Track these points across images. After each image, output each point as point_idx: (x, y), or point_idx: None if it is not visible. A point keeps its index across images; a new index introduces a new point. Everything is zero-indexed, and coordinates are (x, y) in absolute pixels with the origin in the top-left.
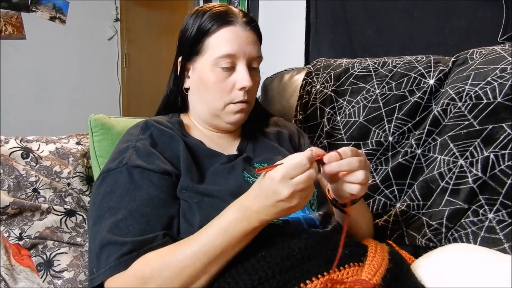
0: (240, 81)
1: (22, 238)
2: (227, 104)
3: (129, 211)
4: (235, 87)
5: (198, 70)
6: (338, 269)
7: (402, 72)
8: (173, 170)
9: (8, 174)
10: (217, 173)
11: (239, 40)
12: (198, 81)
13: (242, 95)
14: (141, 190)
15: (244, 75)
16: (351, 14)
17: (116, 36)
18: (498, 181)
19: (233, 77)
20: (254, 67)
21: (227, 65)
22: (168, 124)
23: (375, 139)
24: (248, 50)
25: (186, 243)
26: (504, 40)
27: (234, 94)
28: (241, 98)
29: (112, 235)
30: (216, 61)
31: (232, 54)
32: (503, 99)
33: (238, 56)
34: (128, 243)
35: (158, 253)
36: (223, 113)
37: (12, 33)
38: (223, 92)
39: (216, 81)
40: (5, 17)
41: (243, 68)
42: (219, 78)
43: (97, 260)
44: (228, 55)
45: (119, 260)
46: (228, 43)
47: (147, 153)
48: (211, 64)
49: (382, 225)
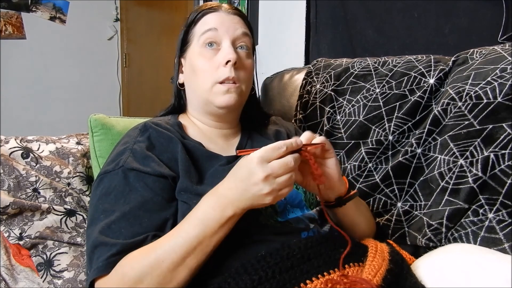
0: (224, 55)
1: (22, 238)
2: (215, 84)
3: (122, 213)
4: (221, 64)
5: (188, 59)
6: (338, 269)
7: (402, 72)
8: (170, 173)
9: (8, 174)
10: (216, 174)
11: (222, 19)
12: (189, 71)
13: (229, 70)
14: (135, 192)
15: (228, 49)
16: (351, 14)
17: (116, 36)
18: (498, 181)
19: (218, 55)
20: (241, 46)
21: (210, 39)
22: (167, 126)
23: (375, 138)
24: (231, 27)
25: (165, 238)
26: (504, 40)
27: (220, 71)
28: (227, 75)
29: (104, 236)
30: (199, 39)
31: (214, 28)
32: (503, 99)
33: (221, 33)
34: (118, 244)
35: (140, 250)
36: (212, 95)
37: (12, 33)
38: (209, 72)
39: (203, 63)
40: (5, 17)
41: (227, 44)
42: (206, 58)
43: (90, 260)
44: (210, 29)
45: (107, 260)
46: (211, 20)
47: (144, 156)
48: (198, 47)
49: (383, 224)
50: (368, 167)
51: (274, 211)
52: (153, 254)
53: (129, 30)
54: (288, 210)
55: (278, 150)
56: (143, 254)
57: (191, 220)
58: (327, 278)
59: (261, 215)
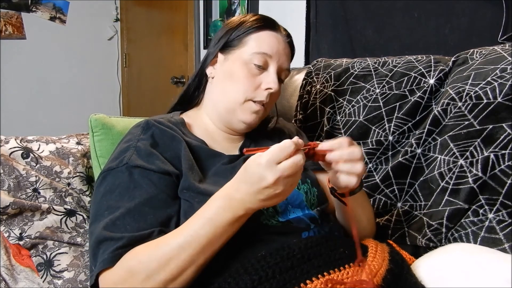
0: (268, 82)
1: (22, 238)
2: (247, 100)
3: (127, 209)
4: (261, 87)
5: (230, 61)
6: (338, 269)
7: (402, 72)
8: (173, 170)
9: (8, 174)
10: (219, 173)
11: (278, 46)
12: (226, 71)
13: (265, 96)
14: (140, 189)
15: (273, 77)
16: (351, 14)
17: (116, 36)
18: (498, 181)
19: (261, 77)
20: (281, 78)
21: (261, 63)
22: (170, 124)
23: (375, 138)
24: (283, 58)
25: (172, 235)
26: (504, 40)
27: (257, 92)
28: (263, 99)
29: (109, 232)
30: (251, 56)
31: (269, 55)
32: (503, 99)
33: (273, 59)
34: (125, 238)
35: (146, 245)
36: (241, 108)
37: (12, 33)
38: (248, 87)
39: (245, 76)
40: (5, 17)
41: (274, 71)
42: (249, 74)
43: (94, 256)
44: (265, 54)
45: (113, 253)
46: (269, 44)
47: (148, 153)
48: (246, 57)
49: (383, 224)
50: (368, 168)
51: (275, 211)
52: (161, 251)
53: (129, 30)
54: (289, 210)
55: (288, 149)
56: (151, 249)
57: (200, 220)
58: (327, 278)
59: (262, 215)
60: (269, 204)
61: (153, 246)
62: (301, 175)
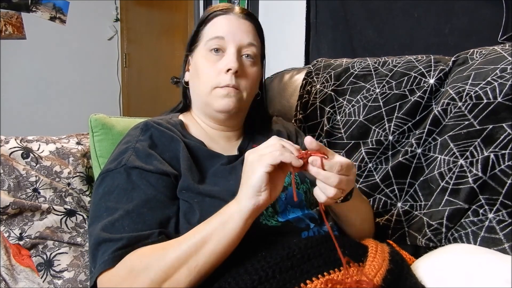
0: (226, 63)
1: (22, 238)
2: (214, 88)
3: (126, 211)
4: (222, 70)
5: (194, 59)
6: (338, 269)
7: (402, 72)
8: (172, 171)
9: (8, 174)
10: (218, 174)
11: (230, 25)
12: (194, 70)
13: (229, 78)
14: (138, 190)
15: (231, 57)
16: (351, 14)
17: (116, 36)
18: (498, 181)
19: (221, 61)
20: (247, 54)
21: (216, 46)
22: (168, 125)
23: (375, 138)
24: (238, 35)
25: (178, 242)
26: (504, 40)
27: (221, 77)
28: (227, 82)
29: (108, 233)
30: (206, 44)
31: (221, 36)
32: (503, 99)
33: (227, 40)
34: (124, 238)
35: (151, 248)
36: (211, 98)
37: (12, 33)
38: (211, 76)
39: (206, 66)
40: (5, 17)
41: (232, 52)
42: (209, 62)
43: (94, 258)
44: (217, 37)
45: (113, 254)
46: (220, 27)
47: (146, 154)
48: (203, 50)
49: (383, 224)
50: (368, 167)
51: (274, 211)
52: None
53: (129, 30)
54: (289, 210)
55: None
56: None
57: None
58: (327, 278)
59: (261, 215)
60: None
61: (158, 249)
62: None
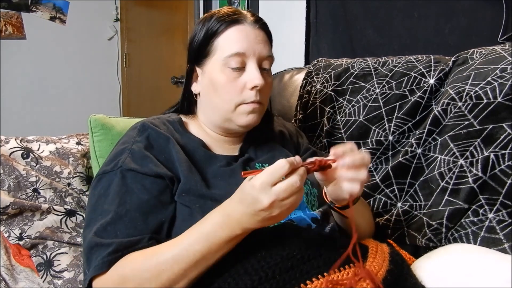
0: (251, 80)
1: (22, 238)
2: (238, 105)
3: (118, 215)
4: (246, 87)
5: (207, 73)
6: (339, 270)
7: (402, 72)
8: (167, 174)
9: (9, 174)
10: (218, 176)
11: (249, 38)
12: (208, 84)
13: (254, 95)
14: (132, 194)
15: (255, 74)
16: (351, 14)
17: (116, 36)
18: (498, 181)
19: (243, 77)
20: (265, 68)
21: (237, 64)
22: (165, 125)
23: (375, 138)
24: (258, 49)
25: (167, 246)
26: (504, 40)
27: (245, 95)
28: (253, 98)
29: (99, 238)
30: (225, 61)
31: (242, 53)
32: (503, 99)
33: (248, 55)
34: (114, 243)
35: (141, 253)
36: (235, 115)
37: (12, 33)
38: (234, 93)
39: (226, 82)
40: (5, 17)
41: (254, 67)
42: (230, 79)
43: (87, 261)
44: (238, 54)
45: (103, 260)
46: (238, 42)
47: (142, 156)
48: (220, 64)
49: (383, 224)
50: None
51: None
52: (154, 261)
53: (129, 30)
54: None
55: (281, 170)
56: (145, 258)
57: (196, 234)
58: (327, 278)
59: None
60: (267, 224)
61: (147, 255)
62: None
